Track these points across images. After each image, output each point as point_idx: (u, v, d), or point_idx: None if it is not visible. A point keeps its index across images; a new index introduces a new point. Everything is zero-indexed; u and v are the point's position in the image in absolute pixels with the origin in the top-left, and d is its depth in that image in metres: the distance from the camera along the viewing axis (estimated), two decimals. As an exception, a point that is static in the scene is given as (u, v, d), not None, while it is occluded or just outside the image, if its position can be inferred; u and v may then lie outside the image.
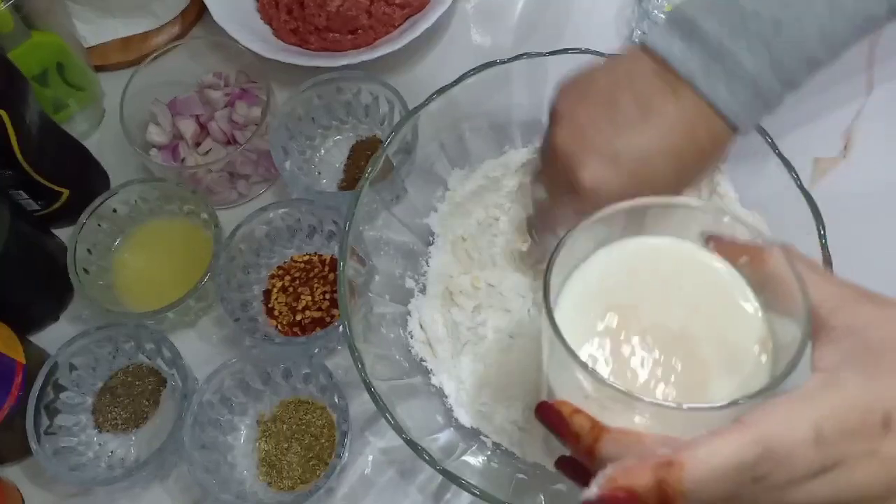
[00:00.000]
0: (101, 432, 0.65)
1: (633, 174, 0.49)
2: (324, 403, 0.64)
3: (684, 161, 0.49)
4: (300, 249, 0.70)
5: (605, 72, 0.52)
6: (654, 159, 0.48)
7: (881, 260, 0.65)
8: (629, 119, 0.49)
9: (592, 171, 0.49)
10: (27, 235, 0.66)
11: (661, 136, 0.48)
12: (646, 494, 0.33)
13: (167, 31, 0.82)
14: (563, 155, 0.50)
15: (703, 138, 0.49)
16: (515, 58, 0.62)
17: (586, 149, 0.49)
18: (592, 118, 0.50)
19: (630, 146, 0.48)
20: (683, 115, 0.48)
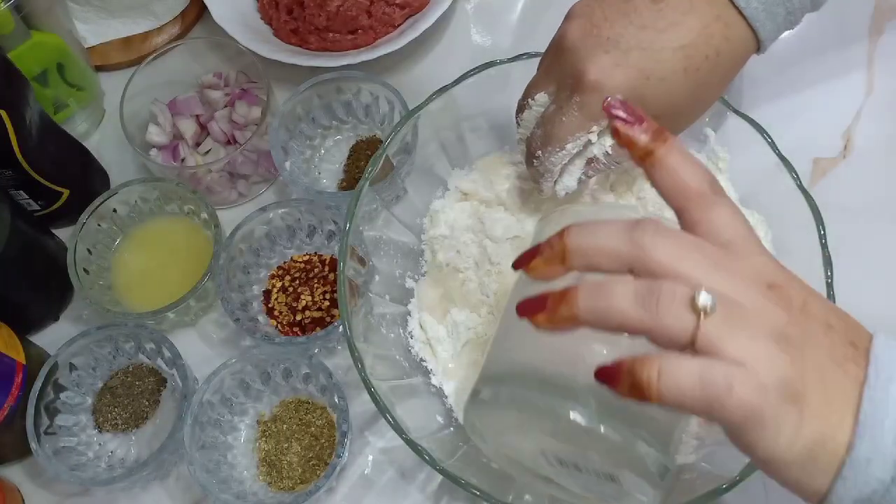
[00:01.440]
0: (101, 432, 0.65)
1: (641, 69, 0.47)
2: (324, 403, 0.64)
3: (695, 62, 0.47)
4: (300, 249, 0.70)
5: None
6: (664, 54, 0.46)
7: (881, 260, 0.65)
8: (642, 14, 0.47)
9: (599, 65, 0.47)
10: (27, 235, 0.66)
11: (672, 32, 0.46)
12: None
13: (167, 31, 0.82)
14: (571, 49, 0.48)
15: (718, 38, 0.47)
16: (515, 58, 0.62)
17: (595, 43, 0.47)
18: (607, 15, 0.48)
19: (640, 40, 0.46)
20: (698, 11, 0.46)
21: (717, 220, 0.37)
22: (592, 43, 0.47)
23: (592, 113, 0.48)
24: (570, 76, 0.48)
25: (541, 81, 0.52)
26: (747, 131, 0.58)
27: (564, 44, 0.49)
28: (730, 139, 0.61)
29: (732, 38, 0.47)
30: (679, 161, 0.38)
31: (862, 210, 0.66)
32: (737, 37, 0.47)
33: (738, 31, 0.47)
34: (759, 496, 0.58)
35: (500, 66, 0.62)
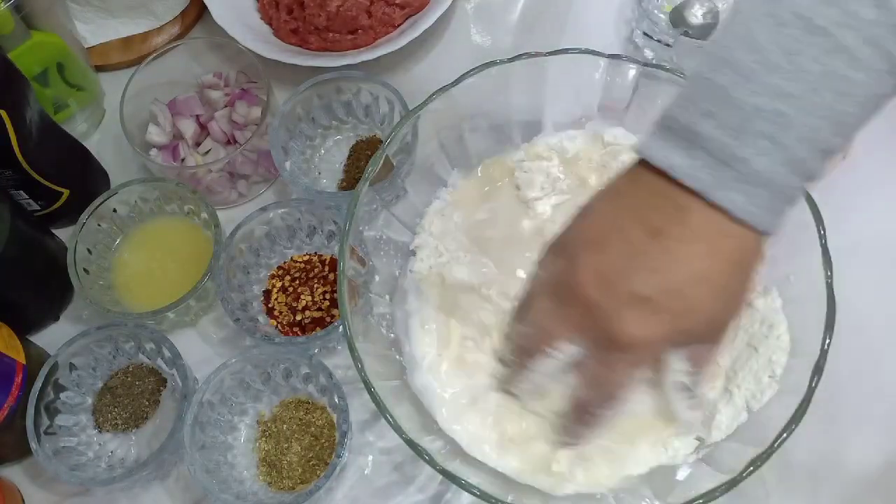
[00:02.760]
0: (101, 432, 0.65)
1: (671, 313, 0.46)
2: (324, 403, 0.64)
3: (716, 281, 0.46)
4: (300, 249, 0.70)
5: (611, 200, 0.48)
6: (685, 291, 0.45)
7: (881, 260, 0.65)
8: (648, 255, 0.45)
9: (632, 323, 0.46)
10: (27, 235, 0.66)
11: (683, 266, 0.45)
12: None
13: (167, 31, 0.82)
14: (596, 308, 0.46)
15: (728, 250, 0.45)
16: (515, 58, 0.62)
17: (619, 301, 0.46)
18: (614, 260, 0.46)
19: (658, 285, 0.45)
20: (699, 234, 0.45)
21: None
22: (615, 301, 0.46)
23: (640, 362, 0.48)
24: (604, 334, 0.47)
25: (562, 332, 0.49)
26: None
27: (585, 299, 0.47)
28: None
29: (744, 244, 0.46)
30: None
31: (862, 210, 0.66)
32: (748, 241, 0.46)
33: (745, 235, 0.45)
34: (759, 496, 0.58)
35: (500, 66, 0.62)
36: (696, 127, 0.43)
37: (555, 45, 0.63)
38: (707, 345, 0.50)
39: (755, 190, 0.44)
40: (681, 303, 0.45)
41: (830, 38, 0.42)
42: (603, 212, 0.48)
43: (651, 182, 0.45)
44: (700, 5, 0.73)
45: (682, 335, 0.47)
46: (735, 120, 0.43)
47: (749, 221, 0.44)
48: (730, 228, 0.44)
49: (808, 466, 0.59)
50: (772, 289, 0.58)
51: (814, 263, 0.54)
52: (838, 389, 0.56)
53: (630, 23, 0.77)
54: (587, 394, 0.50)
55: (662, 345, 0.47)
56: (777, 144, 0.43)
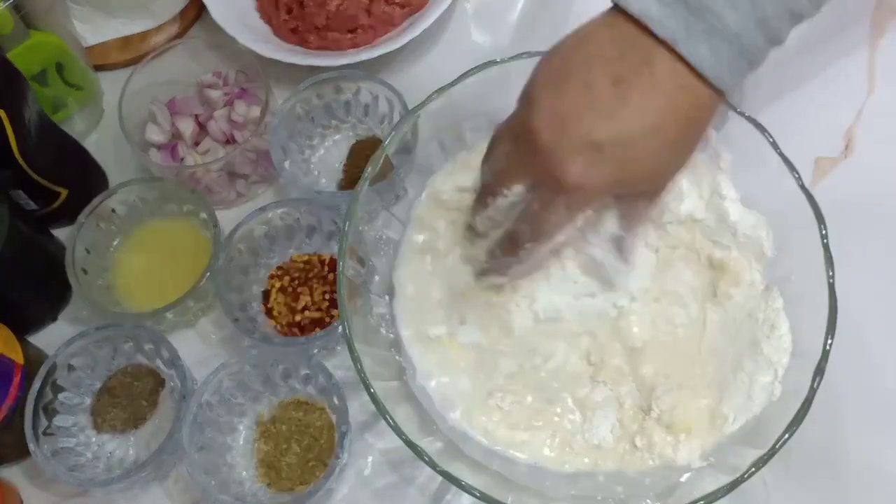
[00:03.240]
0: (100, 433, 0.65)
1: (619, 162, 0.46)
2: (323, 404, 0.64)
3: (669, 136, 0.47)
4: (299, 249, 0.70)
5: (578, 46, 0.48)
6: (637, 142, 0.46)
7: (882, 260, 0.65)
8: (606, 103, 0.46)
9: (577, 167, 0.46)
10: (26, 235, 0.66)
11: (640, 117, 0.46)
12: None
13: (166, 30, 0.82)
14: (545, 150, 0.47)
15: (686, 107, 0.46)
16: (515, 58, 0.62)
17: (568, 144, 0.47)
18: (571, 105, 0.47)
19: (610, 133, 0.46)
20: (661, 87, 0.45)
21: None
22: (565, 144, 0.47)
23: (579, 207, 0.50)
24: (549, 177, 0.48)
25: (515, 174, 0.51)
26: (749, 131, 0.58)
27: (537, 142, 0.48)
28: (731, 139, 0.60)
29: (700, 102, 0.46)
30: None
31: (863, 209, 0.66)
32: (704, 98, 0.47)
33: (704, 94, 0.46)
34: (759, 496, 0.58)
35: (500, 65, 0.62)
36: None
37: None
38: (645, 199, 0.51)
39: (721, 45, 0.44)
40: (630, 153, 0.46)
41: None
42: (568, 55, 0.49)
43: (622, 29, 0.46)
44: (700, 5, 0.73)
45: (624, 185, 0.48)
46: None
47: (711, 77, 0.45)
48: (691, 83, 0.45)
49: (808, 467, 0.59)
50: (773, 288, 0.58)
51: (815, 263, 0.54)
52: (839, 390, 0.56)
53: (630, 22, 0.77)
54: (521, 227, 0.52)
55: (603, 192, 0.48)
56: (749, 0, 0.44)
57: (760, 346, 0.56)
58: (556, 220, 0.50)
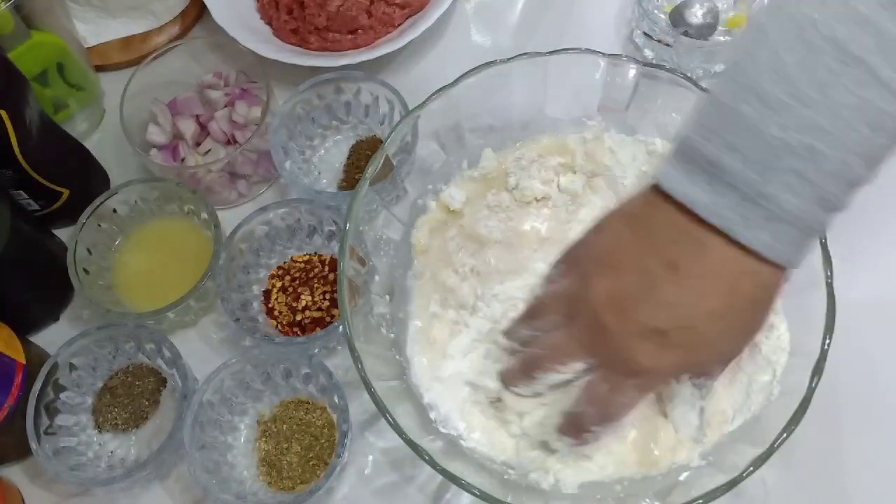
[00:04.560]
0: (101, 432, 0.65)
1: (686, 347, 0.45)
2: (324, 403, 0.64)
3: (735, 319, 0.45)
4: (300, 249, 0.70)
5: (627, 225, 0.47)
6: (702, 328, 0.45)
7: (881, 260, 0.65)
8: (664, 289, 0.44)
9: (646, 353, 0.45)
10: (27, 235, 0.66)
11: (701, 303, 0.44)
12: None
13: (167, 31, 0.82)
14: (612, 333, 0.46)
15: (749, 289, 0.44)
16: (515, 58, 0.62)
17: (634, 330, 0.45)
18: (628, 290, 0.45)
19: (674, 319, 0.44)
20: (719, 273, 0.44)
21: None
22: (629, 329, 0.46)
23: (649, 389, 0.49)
24: (618, 361, 0.47)
25: (575, 351, 0.49)
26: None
27: (602, 323, 0.46)
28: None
29: (764, 281, 0.44)
30: None
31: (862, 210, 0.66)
32: (768, 277, 0.44)
33: (767, 273, 0.44)
34: (759, 496, 0.58)
35: (500, 66, 0.62)
36: (721, 161, 0.41)
37: (555, 45, 0.63)
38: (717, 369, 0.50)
39: (783, 227, 0.42)
40: (695, 338, 0.45)
41: (865, 68, 0.39)
42: (618, 234, 0.47)
43: (670, 214, 0.44)
44: (700, 5, 0.73)
45: (693, 367, 0.48)
46: (763, 155, 0.41)
47: (775, 259, 0.43)
48: (751, 267, 0.43)
49: (807, 466, 0.59)
50: None
51: (814, 263, 0.54)
52: (838, 389, 0.57)
53: (630, 23, 0.77)
54: (587, 410, 0.50)
55: (674, 375, 0.48)
56: (807, 181, 0.41)
57: (759, 345, 0.56)
58: (626, 402, 0.49)
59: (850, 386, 0.59)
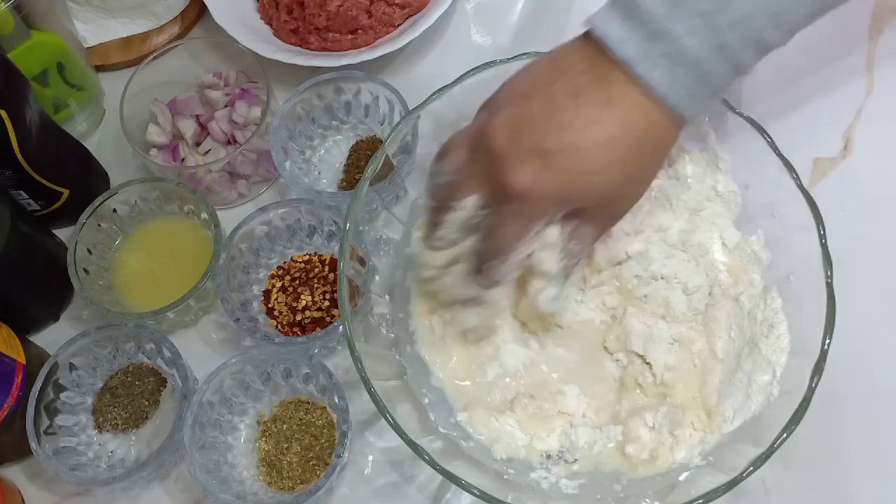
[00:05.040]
0: (101, 432, 0.65)
1: (567, 170, 0.47)
2: (324, 403, 0.64)
3: (620, 152, 0.47)
4: (300, 249, 0.70)
5: (547, 63, 0.50)
6: (586, 153, 0.46)
7: (881, 260, 0.65)
8: (562, 114, 0.46)
9: (526, 173, 0.47)
10: (27, 235, 0.66)
11: (591, 128, 0.46)
12: None
13: (167, 31, 0.82)
14: (498, 156, 0.48)
15: (639, 125, 0.46)
16: (515, 58, 0.62)
17: (520, 151, 0.47)
18: (530, 114, 0.47)
19: (562, 141, 0.46)
20: (615, 103, 0.46)
21: None
22: (517, 151, 0.47)
23: (530, 217, 0.49)
24: (500, 185, 0.48)
25: (468, 184, 0.50)
26: (747, 131, 0.59)
27: (491, 148, 0.48)
28: (730, 139, 0.61)
29: (656, 122, 0.46)
30: None
31: (862, 210, 0.66)
32: (661, 120, 0.46)
33: (660, 116, 0.46)
34: (759, 496, 0.58)
35: (500, 66, 0.62)
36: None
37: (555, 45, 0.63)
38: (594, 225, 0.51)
39: (679, 68, 0.44)
40: (579, 163, 0.47)
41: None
42: (536, 71, 0.50)
43: (586, 50, 0.47)
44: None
45: (572, 196, 0.48)
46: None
47: (666, 100, 0.45)
48: (645, 104, 0.45)
49: (807, 466, 0.59)
50: (772, 288, 0.58)
51: (814, 263, 0.54)
52: (838, 389, 0.57)
53: (630, 23, 0.77)
54: (481, 246, 0.52)
55: (551, 201, 0.48)
56: (709, 25, 0.43)
57: (759, 345, 0.56)
58: (511, 231, 0.50)
59: (850, 386, 0.59)
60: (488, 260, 0.52)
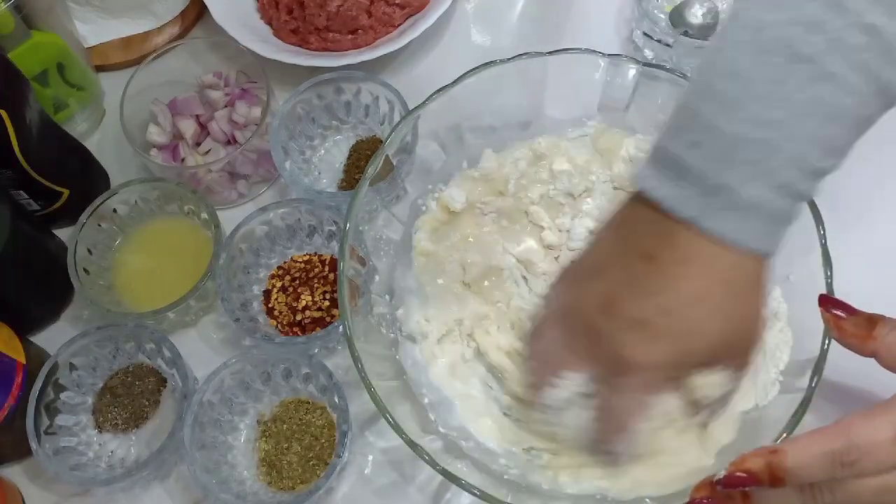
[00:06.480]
0: (102, 432, 0.65)
1: (671, 335, 0.46)
2: (324, 403, 0.64)
3: (714, 300, 0.46)
4: (300, 249, 0.70)
5: (610, 232, 0.49)
6: (683, 311, 0.46)
7: (881, 260, 0.65)
8: (643, 279, 0.46)
9: (635, 347, 0.46)
10: (27, 235, 0.66)
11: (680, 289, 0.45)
12: (759, 474, 0.43)
13: (167, 30, 0.82)
14: (603, 335, 0.47)
15: (724, 270, 0.45)
16: (515, 58, 0.62)
17: (621, 325, 0.46)
18: (614, 287, 0.47)
19: (656, 308, 0.46)
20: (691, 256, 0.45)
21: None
22: (617, 326, 0.47)
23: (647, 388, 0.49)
24: (611, 360, 0.48)
25: (572, 360, 0.50)
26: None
27: (591, 328, 0.48)
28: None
29: (737, 262, 0.45)
30: None
31: (862, 210, 0.66)
32: (741, 261, 0.45)
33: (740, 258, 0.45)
34: (759, 496, 0.58)
35: (500, 66, 0.62)
36: (684, 158, 0.44)
37: (555, 45, 0.63)
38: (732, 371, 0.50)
39: (745, 215, 0.44)
40: (679, 323, 0.46)
41: (816, 66, 0.42)
42: (604, 242, 0.50)
43: (645, 212, 0.46)
44: (700, 5, 0.73)
45: (684, 358, 0.47)
46: (720, 149, 0.43)
47: (743, 246, 0.44)
48: (721, 251, 0.45)
49: (808, 466, 0.59)
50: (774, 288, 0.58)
51: (814, 263, 0.54)
52: (838, 390, 0.57)
53: (630, 23, 0.77)
54: (599, 426, 0.51)
55: (665, 368, 0.47)
56: (763, 170, 0.43)
57: None
58: (630, 406, 0.49)
59: (850, 386, 0.59)
60: (610, 437, 0.51)
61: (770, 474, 0.43)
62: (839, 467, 0.42)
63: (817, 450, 0.42)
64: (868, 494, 0.43)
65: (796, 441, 0.43)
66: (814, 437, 0.43)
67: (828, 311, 0.50)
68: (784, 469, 0.42)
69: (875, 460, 0.42)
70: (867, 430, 0.42)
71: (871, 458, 0.42)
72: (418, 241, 0.64)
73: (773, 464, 0.43)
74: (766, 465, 0.43)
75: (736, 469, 0.44)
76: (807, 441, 0.43)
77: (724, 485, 0.44)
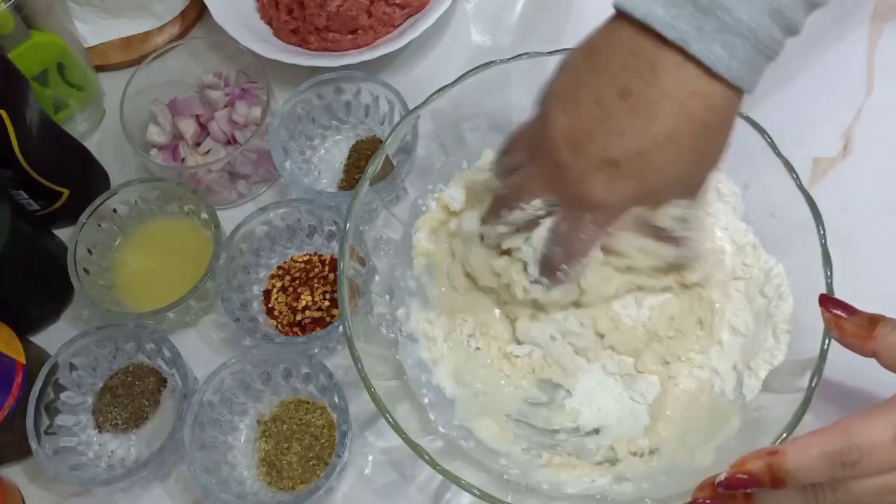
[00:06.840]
0: (102, 432, 0.65)
1: (638, 176, 0.46)
2: (324, 403, 0.64)
3: (685, 144, 0.45)
4: (300, 249, 0.70)
5: (585, 58, 0.48)
6: (653, 155, 0.46)
7: (881, 260, 0.65)
8: (616, 118, 0.45)
9: (597, 184, 0.47)
10: (27, 235, 0.66)
11: (651, 129, 0.45)
12: (760, 475, 0.43)
13: (167, 30, 0.82)
14: (566, 167, 0.47)
15: (700, 112, 0.45)
16: (515, 58, 0.62)
17: (586, 163, 0.47)
18: (583, 122, 0.46)
19: (624, 149, 0.45)
20: (669, 95, 0.44)
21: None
22: (582, 163, 0.47)
23: (606, 223, 0.50)
24: (573, 196, 0.48)
25: (535, 189, 0.51)
26: (748, 132, 0.58)
27: (557, 160, 0.48)
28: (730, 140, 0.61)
29: (716, 103, 0.45)
30: None
31: (862, 210, 0.66)
32: (720, 99, 0.45)
33: (718, 95, 0.45)
34: (759, 496, 0.58)
35: (500, 66, 0.62)
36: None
37: (555, 45, 0.63)
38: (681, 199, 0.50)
39: (736, 41, 0.43)
40: (646, 167, 0.46)
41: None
42: (576, 67, 0.48)
43: (627, 37, 0.45)
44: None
45: (647, 197, 0.48)
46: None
47: (727, 76, 0.44)
48: (702, 86, 0.44)
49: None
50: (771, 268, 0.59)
51: (814, 263, 0.54)
52: (838, 390, 0.57)
53: (630, 23, 0.77)
54: (553, 250, 0.52)
55: (627, 206, 0.48)
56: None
57: (771, 315, 0.57)
58: (586, 238, 0.50)
59: (850, 386, 0.59)
60: (563, 262, 0.52)
61: (771, 476, 0.43)
62: (839, 468, 0.42)
63: (817, 451, 0.42)
64: (869, 495, 0.43)
65: (796, 442, 0.43)
66: (814, 438, 0.43)
67: (828, 311, 0.50)
68: (784, 470, 0.42)
69: (875, 461, 0.42)
70: (867, 431, 0.42)
71: (871, 459, 0.42)
72: (418, 241, 0.64)
73: (774, 465, 0.43)
74: (767, 467, 0.43)
75: (737, 471, 0.44)
76: (807, 442, 0.43)
77: (726, 486, 0.44)
